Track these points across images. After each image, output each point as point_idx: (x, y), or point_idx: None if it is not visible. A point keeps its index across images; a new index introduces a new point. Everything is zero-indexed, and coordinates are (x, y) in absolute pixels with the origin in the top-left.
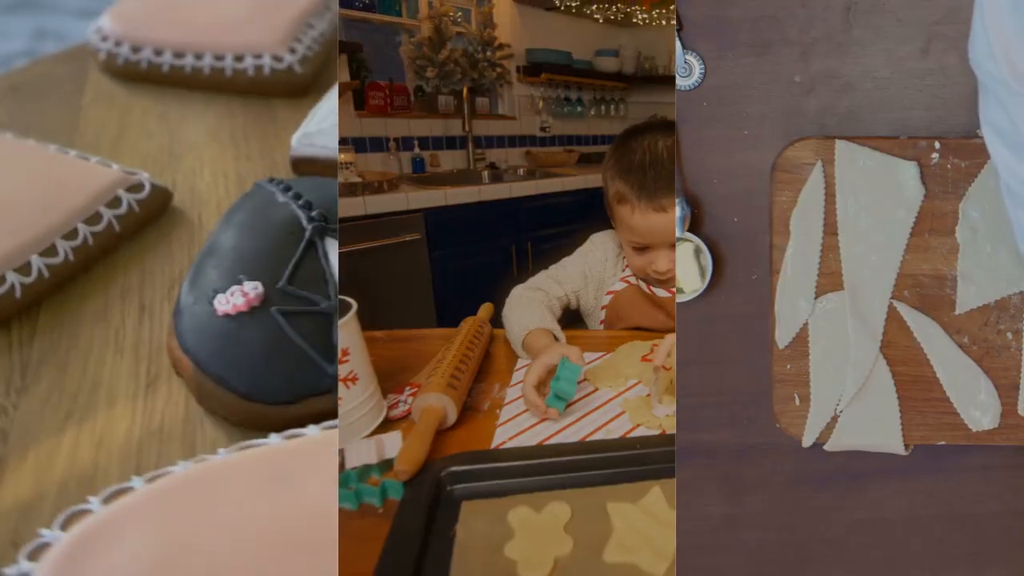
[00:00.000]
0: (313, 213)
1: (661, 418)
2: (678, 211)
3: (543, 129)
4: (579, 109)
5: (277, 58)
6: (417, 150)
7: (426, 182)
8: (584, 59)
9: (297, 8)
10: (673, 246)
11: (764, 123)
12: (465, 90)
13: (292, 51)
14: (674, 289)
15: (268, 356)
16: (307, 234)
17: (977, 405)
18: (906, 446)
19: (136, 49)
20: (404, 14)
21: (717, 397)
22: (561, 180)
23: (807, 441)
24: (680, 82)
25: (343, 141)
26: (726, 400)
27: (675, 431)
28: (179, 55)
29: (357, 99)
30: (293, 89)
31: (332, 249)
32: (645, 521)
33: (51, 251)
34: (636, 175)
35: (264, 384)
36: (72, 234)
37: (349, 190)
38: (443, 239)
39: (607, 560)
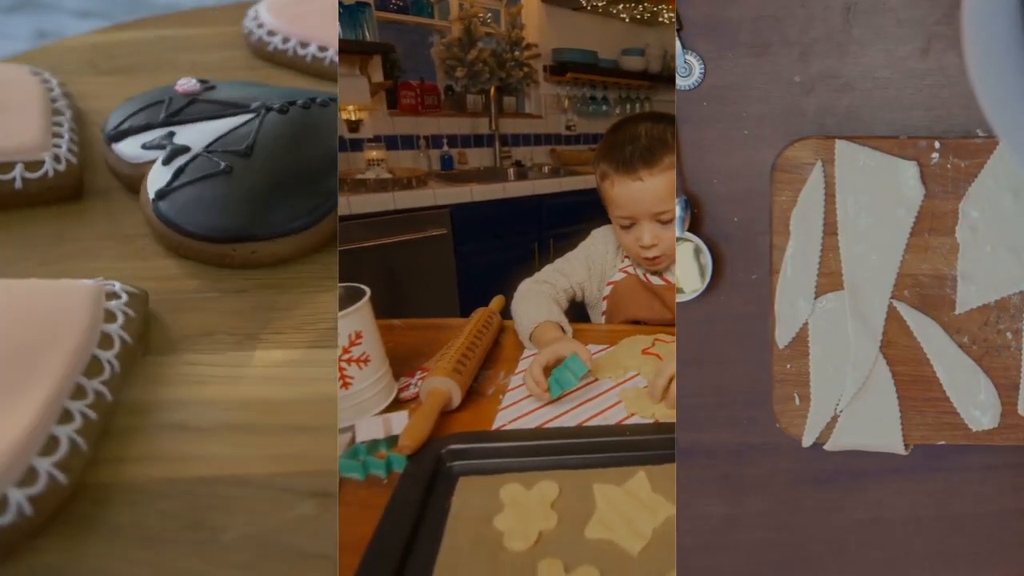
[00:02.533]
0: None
1: (655, 408)
2: (678, 211)
3: (569, 128)
4: (604, 108)
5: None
6: (446, 148)
7: (453, 179)
8: (610, 58)
9: None
10: (655, 219)
11: (764, 123)
12: (492, 89)
13: None
14: (669, 278)
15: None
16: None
17: (977, 405)
18: (906, 446)
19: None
20: (436, 16)
21: (717, 397)
22: (584, 178)
23: (807, 441)
24: (680, 82)
25: (376, 138)
26: (726, 400)
27: (668, 421)
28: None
29: (389, 98)
30: None
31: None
32: (627, 502)
33: None
34: (615, 152)
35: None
36: None
37: (379, 186)
38: (468, 234)
39: (588, 536)
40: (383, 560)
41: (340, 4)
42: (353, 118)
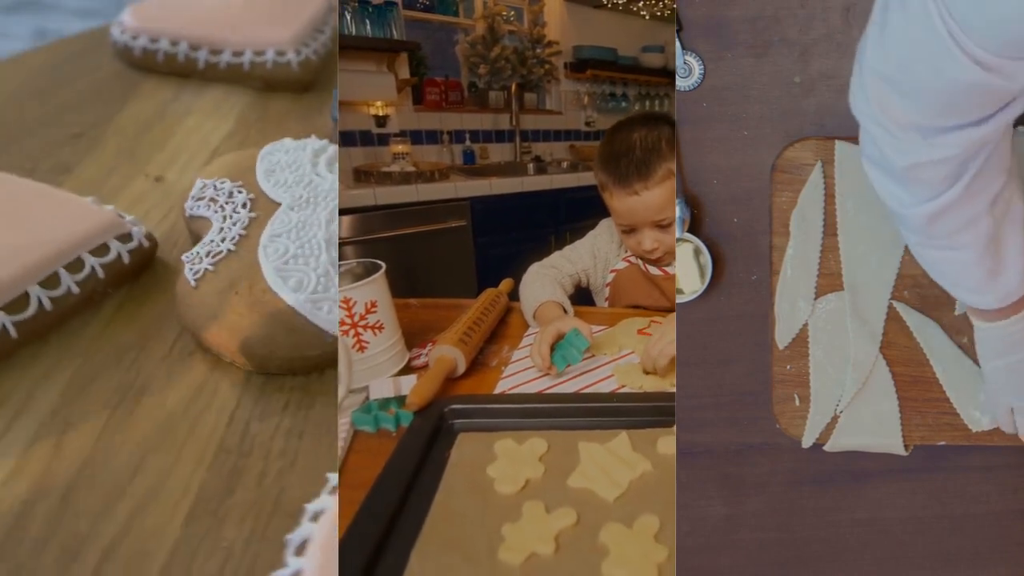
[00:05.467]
0: None
1: (644, 380)
2: (678, 211)
3: (588, 124)
4: (624, 104)
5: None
6: (468, 143)
7: (474, 173)
8: (630, 55)
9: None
10: (656, 225)
11: (764, 123)
12: (514, 86)
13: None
14: (667, 269)
15: None
16: None
17: (977, 405)
18: (906, 446)
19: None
20: (461, 14)
21: (717, 397)
22: None
23: (807, 441)
24: (680, 82)
25: (401, 133)
26: (726, 400)
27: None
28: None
29: (415, 94)
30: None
31: None
32: (608, 458)
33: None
34: (611, 164)
35: None
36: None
37: (403, 178)
38: (487, 226)
39: (570, 484)
40: (386, 496)
41: (368, 4)
42: (380, 113)
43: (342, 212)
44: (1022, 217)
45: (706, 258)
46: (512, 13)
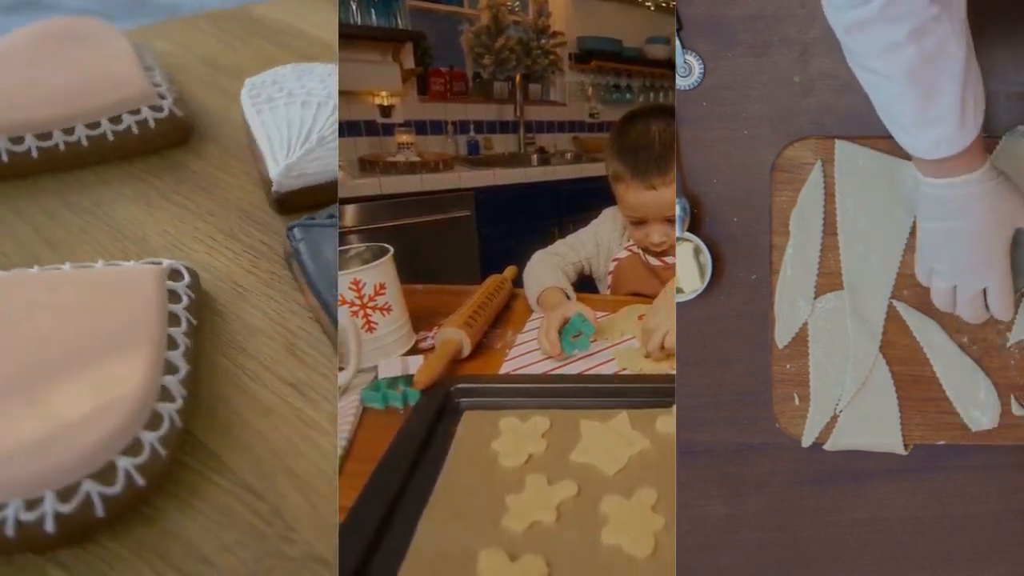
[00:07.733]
0: None
1: (643, 363)
2: (678, 211)
3: (592, 115)
4: (628, 96)
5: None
6: (472, 133)
7: (478, 164)
8: (634, 46)
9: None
10: (666, 220)
11: (764, 123)
12: (518, 77)
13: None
14: (667, 259)
15: None
16: None
17: (977, 404)
18: (906, 446)
19: None
20: (466, 4)
21: (717, 397)
22: (604, 165)
23: (807, 441)
24: (680, 82)
25: (406, 123)
26: (726, 400)
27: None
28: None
29: (420, 84)
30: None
31: None
32: (609, 436)
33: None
34: (629, 156)
35: None
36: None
37: (408, 168)
38: (491, 217)
39: (571, 459)
40: (394, 469)
41: None
42: (385, 104)
43: (346, 201)
44: (960, 68)
45: (706, 257)
46: (517, 3)
